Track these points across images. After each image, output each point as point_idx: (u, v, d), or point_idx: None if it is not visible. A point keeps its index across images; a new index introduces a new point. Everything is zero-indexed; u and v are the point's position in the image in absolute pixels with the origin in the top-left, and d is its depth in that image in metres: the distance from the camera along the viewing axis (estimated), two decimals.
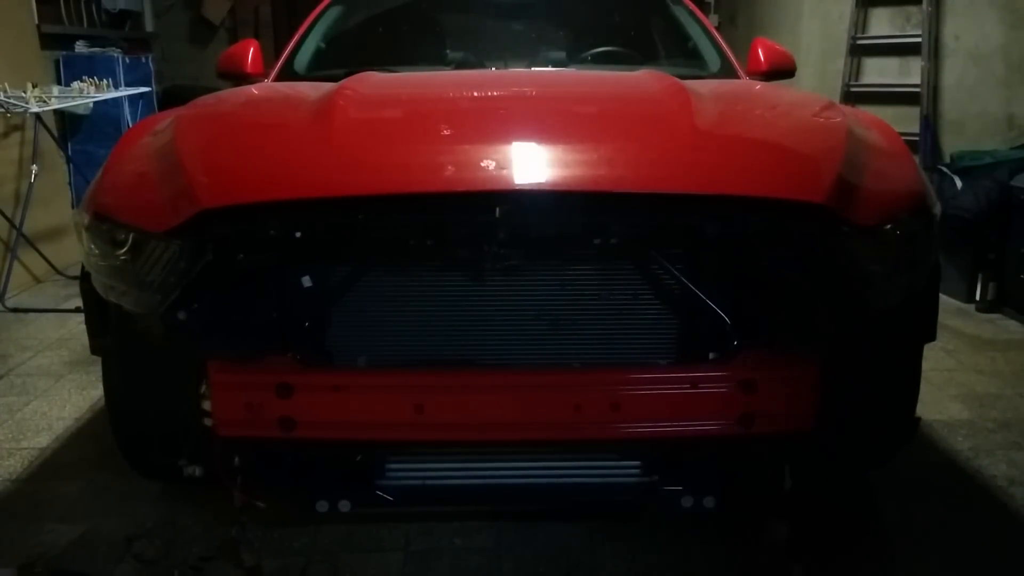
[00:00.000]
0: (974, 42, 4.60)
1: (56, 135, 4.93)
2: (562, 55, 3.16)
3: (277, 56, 3.21)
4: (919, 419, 2.10)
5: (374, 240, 1.75)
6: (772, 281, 1.72)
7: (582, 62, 3.13)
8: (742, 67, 3.13)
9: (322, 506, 1.81)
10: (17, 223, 4.29)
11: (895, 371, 2.00)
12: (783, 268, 1.70)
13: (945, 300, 3.84)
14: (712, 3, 7.56)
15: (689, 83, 2.25)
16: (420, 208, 1.69)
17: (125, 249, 1.74)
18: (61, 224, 4.78)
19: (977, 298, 4.04)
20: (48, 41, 5.28)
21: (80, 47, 5.79)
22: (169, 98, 6.16)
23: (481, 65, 3.09)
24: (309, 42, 3.26)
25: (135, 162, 1.93)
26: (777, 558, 1.91)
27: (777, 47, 3.17)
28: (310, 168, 1.76)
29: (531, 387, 1.77)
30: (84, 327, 2.12)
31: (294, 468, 1.87)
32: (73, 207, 4.99)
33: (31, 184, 4.44)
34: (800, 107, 2.26)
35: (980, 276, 4.03)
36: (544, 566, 2.01)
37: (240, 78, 3.04)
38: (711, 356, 1.77)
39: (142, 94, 5.72)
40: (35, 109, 4.25)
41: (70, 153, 5.42)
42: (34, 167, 4.48)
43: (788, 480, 1.82)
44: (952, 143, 4.70)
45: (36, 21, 5.01)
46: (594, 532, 2.11)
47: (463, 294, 1.77)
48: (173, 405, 1.87)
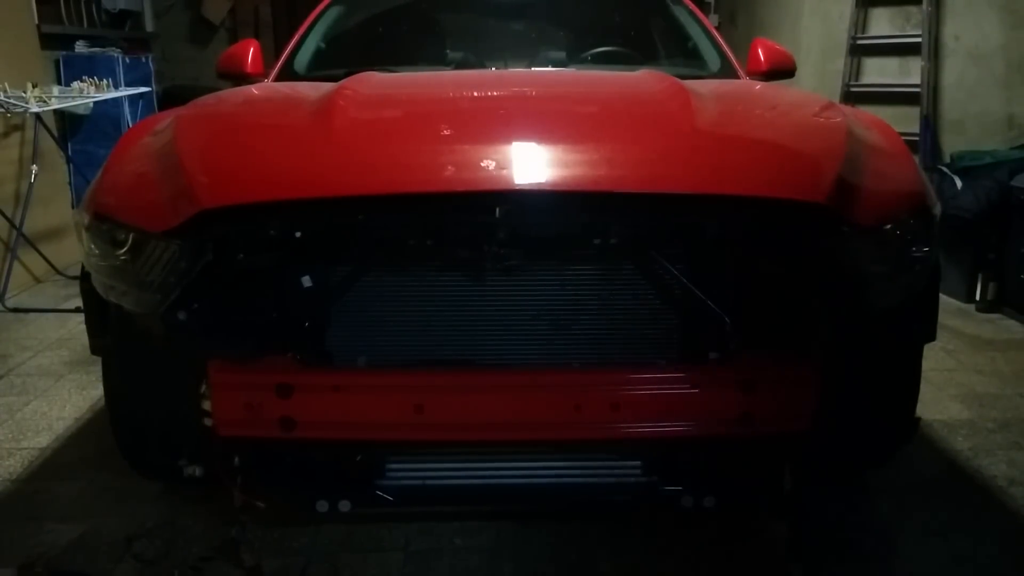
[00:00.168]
0: (974, 42, 4.60)
1: (56, 135, 4.93)
2: (562, 55, 3.16)
3: (277, 56, 3.21)
4: (919, 419, 2.10)
5: (374, 240, 1.75)
6: (772, 281, 1.72)
7: (582, 62, 3.13)
8: (742, 67, 3.13)
9: (322, 506, 1.81)
10: (17, 223, 4.29)
11: (895, 371, 2.00)
12: (783, 268, 1.70)
13: (945, 300, 3.84)
14: (712, 3, 7.56)
15: (689, 83, 2.25)
16: (420, 208, 1.69)
17: (125, 249, 1.74)
18: (61, 224, 4.78)
19: (977, 298, 4.04)
20: (48, 41, 5.28)
21: (80, 47, 5.79)
22: (169, 98, 6.16)
23: (481, 65, 3.09)
24: (309, 42, 3.26)
25: (135, 162, 1.93)
26: (777, 558, 1.91)
27: (777, 47, 3.17)
28: (310, 168, 1.76)
29: (531, 387, 1.77)
30: (84, 327, 2.12)
31: (294, 468, 1.87)
32: (73, 207, 5.00)
33: (31, 184, 4.44)
34: (800, 107, 2.26)
35: (980, 276, 4.03)
36: (544, 566, 2.01)
37: (240, 78, 3.04)
38: (711, 356, 1.77)
39: (142, 94, 5.72)
40: (35, 109, 4.25)
41: (70, 153, 5.42)
42: (34, 167, 4.48)
43: (788, 480, 1.82)
44: (952, 143, 4.70)
45: (36, 21, 5.00)
46: (593, 532, 2.11)
47: (463, 294, 1.77)
48: (173, 405, 1.87)
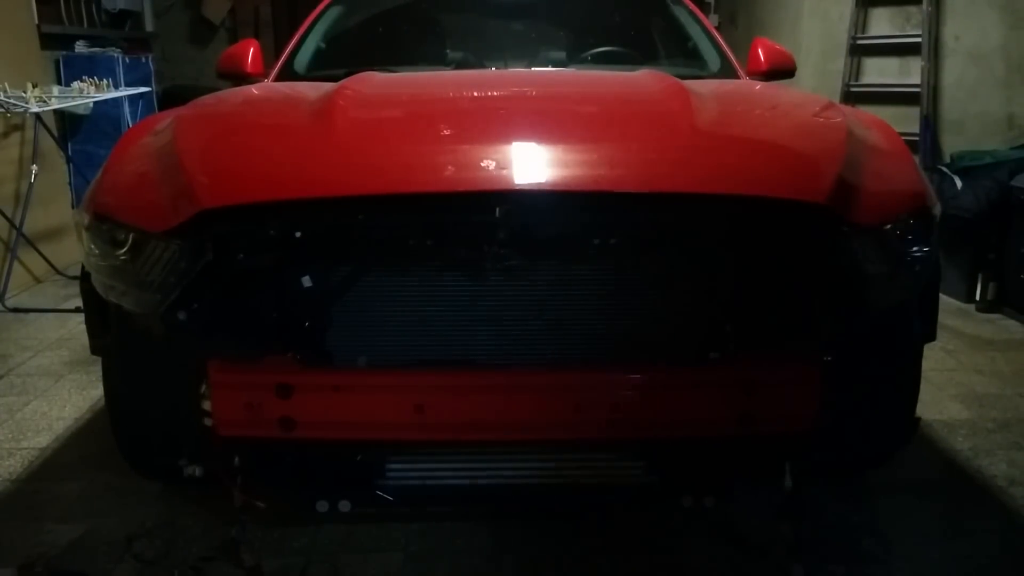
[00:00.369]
0: (974, 42, 4.60)
1: (56, 135, 4.93)
2: (562, 55, 3.16)
3: (277, 56, 3.21)
4: (919, 419, 2.10)
5: (374, 240, 1.75)
6: (772, 281, 1.72)
7: (582, 62, 3.13)
8: (742, 67, 3.13)
9: (322, 506, 1.81)
10: (17, 223, 4.29)
11: (895, 371, 2.00)
12: (783, 268, 1.70)
13: (945, 300, 3.83)
14: (712, 3, 7.56)
15: (689, 83, 2.25)
16: (420, 208, 1.69)
17: (125, 249, 1.74)
18: (61, 224, 4.78)
19: (977, 298, 4.04)
20: (48, 41, 5.27)
21: (80, 47, 5.79)
22: (169, 98, 6.16)
23: (481, 65, 3.09)
24: (309, 42, 3.26)
25: (135, 162, 1.93)
26: (777, 558, 1.91)
27: (777, 47, 3.17)
28: (310, 168, 1.76)
29: (531, 387, 1.77)
30: (84, 327, 2.12)
31: (294, 468, 1.87)
32: (73, 207, 5.00)
33: (31, 184, 4.44)
34: (800, 107, 2.26)
35: (980, 276, 4.03)
36: (544, 566, 2.00)
37: (240, 78, 3.04)
38: (711, 356, 1.77)
39: (142, 94, 5.72)
40: (35, 109, 4.25)
41: (70, 153, 5.42)
42: (34, 167, 4.48)
43: (788, 480, 1.82)
44: (952, 143, 4.70)
45: (36, 21, 5.00)
46: (594, 532, 2.11)
47: (463, 294, 1.77)
48: (173, 405, 1.87)
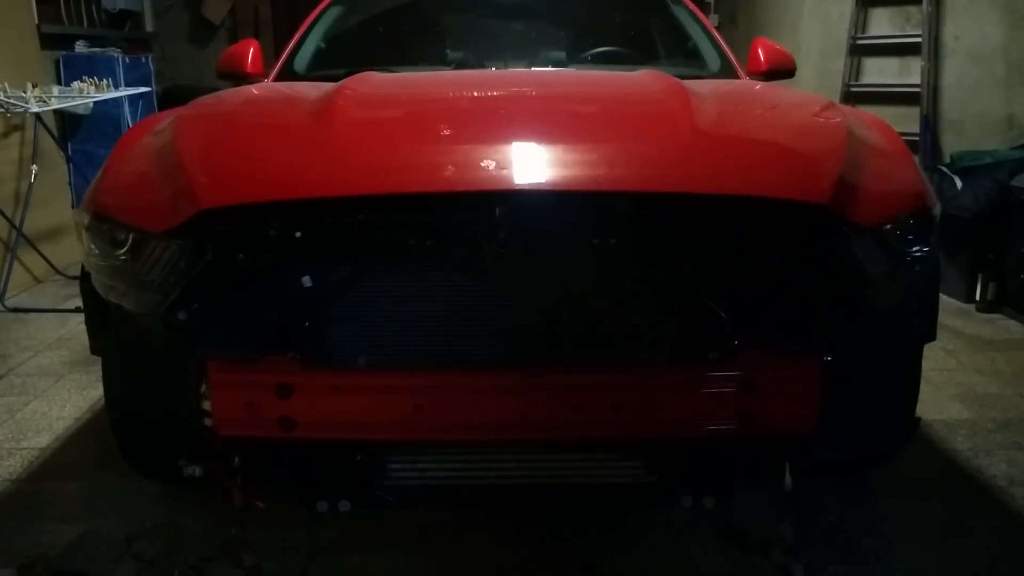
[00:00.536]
0: (974, 42, 4.60)
1: (56, 135, 4.93)
2: (562, 55, 3.16)
3: (277, 56, 3.21)
4: (919, 419, 2.10)
5: (374, 240, 1.75)
6: (772, 281, 1.72)
7: (582, 62, 3.13)
8: (742, 67, 3.13)
9: (322, 506, 1.80)
10: (17, 223, 4.29)
11: (895, 371, 2.00)
12: (783, 268, 1.70)
13: (945, 300, 3.83)
14: (712, 3, 7.56)
15: (689, 83, 2.25)
16: (420, 208, 1.69)
17: (125, 249, 1.74)
18: (61, 224, 4.78)
19: (977, 298, 4.04)
20: (48, 41, 5.28)
21: (80, 47, 5.80)
22: (169, 98, 6.16)
23: (481, 65, 3.09)
24: (309, 42, 3.26)
25: (135, 162, 1.93)
26: (777, 558, 1.91)
27: (777, 47, 3.17)
28: (310, 168, 1.76)
29: (531, 387, 1.76)
30: (84, 327, 2.12)
31: (294, 468, 1.87)
32: (73, 207, 5.00)
33: (31, 184, 4.44)
34: (800, 107, 2.26)
35: (980, 276, 4.03)
36: (544, 566, 2.00)
37: (240, 78, 3.04)
38: (711, 356, 1.77)
39: (142, 94, 5.72)
40: (35, 109, 4.25)
41: (70, 153, 5.42)
42: (34, 167, 4.48)
43: (788, 480, 1.82)
44: (952, 143, 4.70)
45: (36, 21, 5.01)
46: (593, 532, 2.11)
47: (463, 294, 1.77)
48: (173, 405, 1.87)
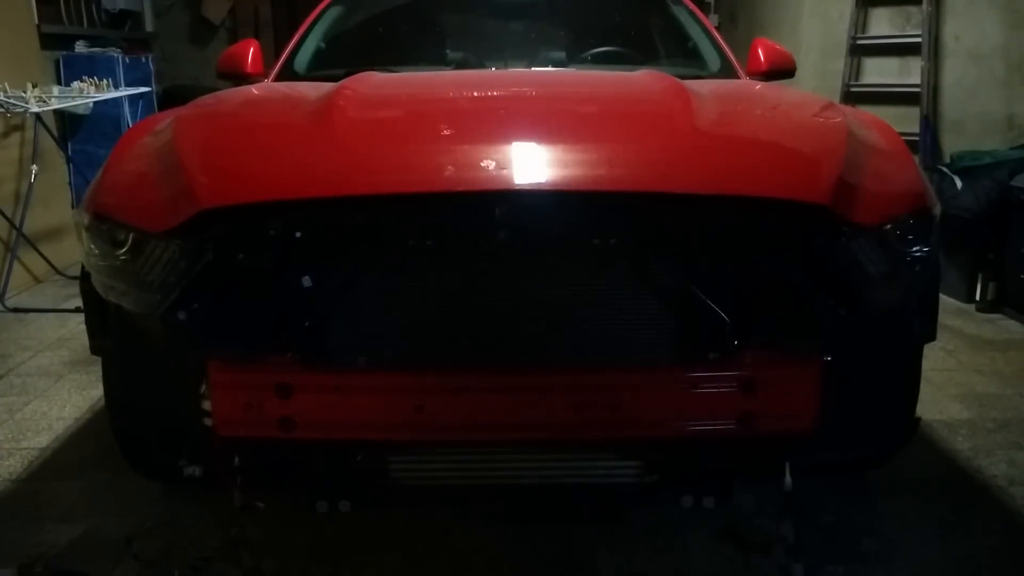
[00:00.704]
0: (974, 42, 4.60)
1: (56, 135, 4.93)
2: (562, 55, 3.16)
3: (277, 56, 3.21)
4: (919, 419, 2.10)
5: (374, 240, 1.75)
6: (772, 281, 1.72)
7: (582, 62, 3.13)
8: (742, 67, 3.13)
9: (322, 506, 1.81)
10: (17, 223, 4.29)
11: (895, 371, 2.00)
12: (783, 268, 1.70)
13: (945, 300, 3.84)
14: (712, 3, 7.57)
15: (689, 83, 2.25)
16: (419, 208, 1.69)
17: (125, 249, 1.74)
18: (61, 224, 4.78)
19: (977, 298, 4.04)
20: (48, 41, 5.28)
21: (80, 47, 5.80)
22: (169, 98, 6.16)
23: (481, 65, 3.09)
24: (309, 42, 3.26)
25: (135, 162, 1.93)
26: (777, 558, 1.91)
27: (777, 47, 3.17)
28: (310, 168, 1.76)
29: (531, 387, 1.76)
30: (84, 327, 2.12)
31: (294, 468, 1.87)
32: (73, 207, 5.00)
33: (31, 184, 4.44)
34: (800, 107, 2.26)
35: (980, 276, 4.03)
36: (544, 566, 2.01)
37: (240, 78, 3.04)
38: (711, 356, 1.77)
39: (142, 94, 5.73)
40: (35, 109, 4.25)
41: (70, 153, 5.42)
42: (34, 167, 4.48)
43: (788, 480, 1.82)
44: (952, 143, 4.70)
45: (36, 21, 5.01)
46: (594, 532, 2.11)
47: (463, 294, 1.77)
48: (173, 405, 1.87)
